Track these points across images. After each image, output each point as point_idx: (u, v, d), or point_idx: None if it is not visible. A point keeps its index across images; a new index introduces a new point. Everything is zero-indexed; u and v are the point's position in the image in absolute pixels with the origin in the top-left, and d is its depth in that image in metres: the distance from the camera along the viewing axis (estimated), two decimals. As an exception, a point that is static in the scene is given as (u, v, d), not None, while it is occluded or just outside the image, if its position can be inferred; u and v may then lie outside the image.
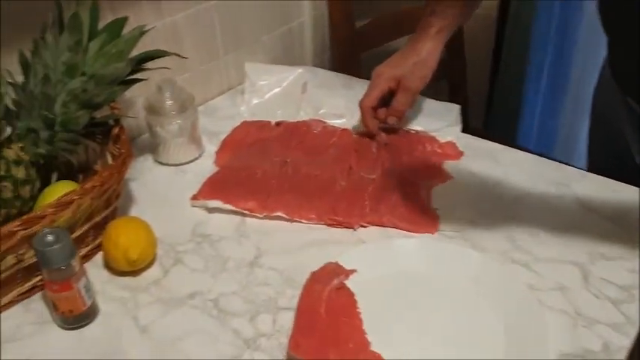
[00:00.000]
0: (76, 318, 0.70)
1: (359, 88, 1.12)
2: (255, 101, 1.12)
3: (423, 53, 0.96)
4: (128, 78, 0.82)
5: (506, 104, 1.76)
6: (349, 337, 0.67)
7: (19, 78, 0.78)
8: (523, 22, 1.64)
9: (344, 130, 1.04)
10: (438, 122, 1.03)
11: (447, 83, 1.53)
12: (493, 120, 1.82)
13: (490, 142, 1.01)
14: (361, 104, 1.00)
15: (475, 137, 1.02)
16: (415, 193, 0.89)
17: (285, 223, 0.86)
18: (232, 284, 0.76)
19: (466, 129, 1.04)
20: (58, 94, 0.76)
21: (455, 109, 1.08)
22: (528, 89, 1.72)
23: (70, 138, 0.79)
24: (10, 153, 0.75)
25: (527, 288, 0.72)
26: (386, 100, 1.00)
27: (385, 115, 1.00)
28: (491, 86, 1.78)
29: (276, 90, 1.13)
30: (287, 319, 0.70)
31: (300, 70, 1.15)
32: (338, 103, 1.09)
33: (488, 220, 0.84)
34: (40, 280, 0.73)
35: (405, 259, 0.77)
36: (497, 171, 0.93)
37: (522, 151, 0.99)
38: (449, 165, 0.95)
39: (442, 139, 1.00)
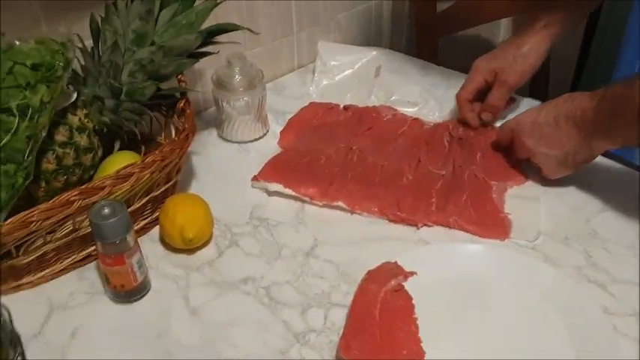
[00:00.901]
0: (127, 293, 0.70)
1: (435, 75, 1.07)
2: (325, 82, 1.08)
3: (525, 48, 0.91)
4: (197, 50, 0.80)
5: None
6: (403, 343, 0.63)
7: (89, 43, 0.77)
8: (618, 17, 1.52)
9: (415, 119, 0.99)
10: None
11: (528, 82, 1.45)
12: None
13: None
14: (457, 96, 0.97)
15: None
16: (487, 194, 0.83)
17: (345, 213, 0.83)
18: (286, 273, 0.74)
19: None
20: (125, 62, 0.75)
21: (536, 105, 1.01)
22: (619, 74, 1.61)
23: (134, 108, 0.78)
24: (74, 120, 0.74)
25: (601, 311, 0.66)
26: (483, 94, 0.95)
27: (479, 110, 0.96)
28: (575, 84, 1.68)
29: (348, 72, 1.09)
30: (339, 317, 0.67)
31: (374, 52, 1.10)
32: (412, 91, 1.05)
33: (563, 231, 0.78)
34: (95, 250, 0.72)
35: (470, 266, 0.72)
36: (578, 177, 0.86)
37: (606, 158, 0.91)
38: (526, 166, 0.89)
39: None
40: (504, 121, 0.90)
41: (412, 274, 0.71)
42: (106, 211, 0.65)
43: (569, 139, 0.77)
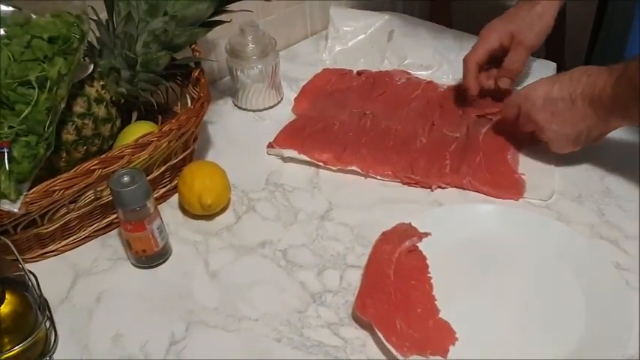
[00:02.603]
0: (149, 258, 0.72)
1: (449, 39, 1.07)
2: (338, 48, 1.08)
3: (538, 7, 0.88)
4: (210, 19, 0.81)
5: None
6: (418, 302, 0.65)
7: (103, 15, 0.79)
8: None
9: (429, 82, 0.99)
10: (531, 80, 0.96)
11: (544, 43, 1.43)
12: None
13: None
14: (466, 59, 0.90)
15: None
16: (501, 155, 0.83)
17: (359, 177, 0.84)
18: (302, 236, 0.75)
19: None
20: (140, 33, 0.76)
21: (551, 67, 1.01)
22: (631, 54, 1.58)
23: (150, 78, 0.79)
24: (92, 91, 0.75)
25: (613, 266, 0.67)
26: (497, 59, 0.91)
27: (497, 75, 0.91)
28: (590, 48, 1.65)
29: (361, 37, 1.09)
30: (354, 278, 0.69)
31: (387, 16, 1.10)
32: (425, 54, 1.04)
33: (577, 189, 0.78)
34: (117, 218, 0.74)
35: (484, 225, 0.73)
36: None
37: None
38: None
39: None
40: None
41: (426, 234, 0.72)
42: (126, 179, 0.67)
43: (583, 118, 0.74)
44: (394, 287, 0.66)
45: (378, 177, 0.83)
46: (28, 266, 0.67)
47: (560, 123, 0.76)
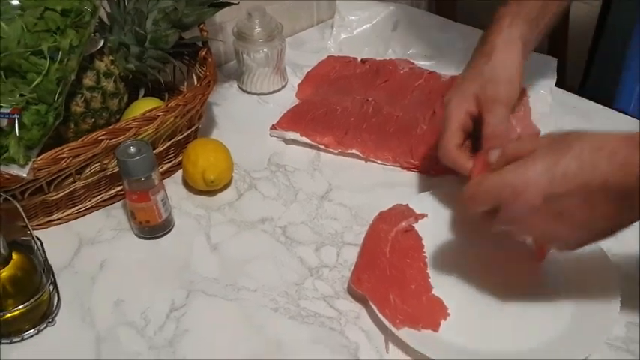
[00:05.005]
0: (152, 229, 0.74)
1: (453, 30, 1.09)
2: (343, 36, 1.10)
3: (496, 53, 0.73)
4: (219, 0, 0.82)
5: (607, 66, 1.64)
6: (412, 278, 0.67)
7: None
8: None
9: (432, 72, 1.01)
10: (531, 74, 0.98)
11: (547, 39, 1.44)
12: (592, 82, 1.70)
13: (585, 100, 0.95)
14: (443, 149, 0.72)
15: (570, 93, 0.97)
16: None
17: (360, 161, 0.85)
18: (302, 215, 0.77)
19: (561, 86, 0.98)
20: (150, 11, 0.78)
21: (552, 62, 1.02)
22: (634, 52, 1.59)
23: (158, 56, 0.81)
24: (101, 65, 0.77)
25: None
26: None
27: (485, 150, 0.69)
28: (593, 45, 1.66)
29: (366, 26, 1.10)
30: (351, 254, 0.71)
31: (392, 7, 1.11)
32: (429, 45, 1.06)
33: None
34: (122, 190, 0.76)
35: (479, 209, 0.74)
36: (590, 121, 0.88)
37: (620, 113, 0.92)
38: (538, 119, 0.90)
39: (533, 92, 0.95)
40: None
41: (423, 216, 0.74)
42: (132, 150, 0.69)
43: (605, 217, 0.53)
44: (389, 264, 0.67)
45: (379, 161, 0.85)
46: (34, 233, 0.69)
47: (571, 226, 0.55)
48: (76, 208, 0.76)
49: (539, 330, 0.61)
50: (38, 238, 0.68)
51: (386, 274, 0.66)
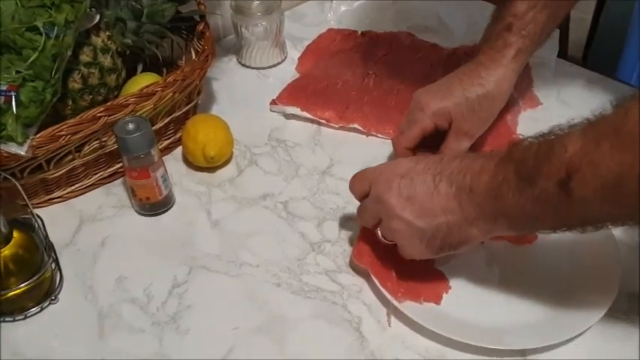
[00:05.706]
0: (153, 205, 0.73)
1: (454, 4, 1.07)
2: (343, 8, 1.09)
3: (491, 84, 0.71)
4: (216, -28, 0.81)
5: (609, 38, 1.62)
6: (413, 253, 0.67)
7: (111, -34, 0.79)
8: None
9: (433, 45, 1.00)
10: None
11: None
12: (593, 53, 1.68)
13: (587, 71, 0.94)
14: (395, 144, 0.74)
15: (572, 64, 0.96)
16: (500, 117, 0.84)
17: (361, 135, 0.85)
18: (303, 190, 0.77)
19: (563, 58, 0.97)
20: (146, -16, 0.76)
21: (554, 33, 1.00)
22: (635, 24, 1.57)
23: (155, 30, 0.80)
24: (98, 41, 0.76)
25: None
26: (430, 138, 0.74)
27: None
28: (595, 16, 1.64)
29: (367, -2, 1.09)
30: (353, 229, 0.70)
31: (393, -22, 1.10)
32: (430, 17, 1.04)
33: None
34: (121, 167, 0.76)
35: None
36: (592, 101, 0.86)
37: (622, 84, 0.91)
38: (540, 90, 0.89)
39: (536, 63, 0.93)
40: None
41: (424, 189, 0.73)
42: (131, 126, 0.68)
43: (445, 211, 0.56)
44: (391, 238, 0.67)
45: (380, 135, 0.84)
46: (34, 211, 0.69)
47: (416, 212, 0.57)
48: (76, 185, 0.76)
49: (540, 303, 0.61)
50: (39, 217, 0.68)
51: (388, 248, 0.66)
